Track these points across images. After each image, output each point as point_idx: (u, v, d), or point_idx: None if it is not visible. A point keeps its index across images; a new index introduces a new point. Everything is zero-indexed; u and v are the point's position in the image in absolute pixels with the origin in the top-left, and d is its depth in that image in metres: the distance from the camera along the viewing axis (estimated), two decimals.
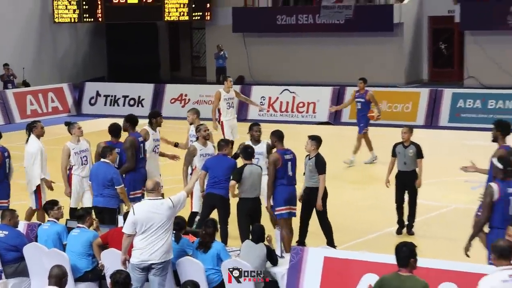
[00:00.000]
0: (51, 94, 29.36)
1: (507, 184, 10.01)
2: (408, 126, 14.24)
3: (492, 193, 9.98)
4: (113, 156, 12.74)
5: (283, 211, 12.35)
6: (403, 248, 8.13)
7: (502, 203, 9.96)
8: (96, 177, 12.66)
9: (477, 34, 31.28)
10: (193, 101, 28.61)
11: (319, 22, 33.18)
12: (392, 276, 8.14)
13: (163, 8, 34.61)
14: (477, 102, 25.34)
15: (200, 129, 13.42)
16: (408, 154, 13.73)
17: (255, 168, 12.27)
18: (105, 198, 12.51)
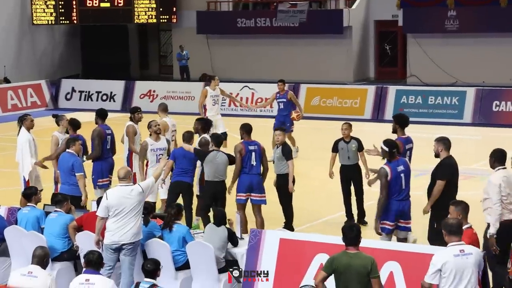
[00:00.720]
0: (30, 90, 29.07)
1: (396, 164, 10.72)
2: (347, 122, 13.76)
3: (386, 174, 10.62)
4: (76, 146, 12.67)
5: (241, 197, 12.38)
6: (353, 229, 8.24)
7: (394, 180, 10.65)
8: (62, 166, 12.64)
9: (418, 37, 31.53)
10: (161, 97, 28.48)
11: (275, 25, 33.22)
12: (341, 254, 8.22)
13: (133, 12, 34.41)
14: (418, 98, 25.53)
15: (151, 125, 13.26)
16: (351, 148, 13.39)
17: (220, 155, 12.27)
18: (71, 186, 12.47)
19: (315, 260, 9.89)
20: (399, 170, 10.74)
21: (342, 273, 8.09)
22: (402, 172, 10.75)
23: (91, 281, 8.65)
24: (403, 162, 10.88)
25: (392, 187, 10.67)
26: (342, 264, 8.09)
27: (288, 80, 29.23)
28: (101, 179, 13.61)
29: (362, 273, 8.02)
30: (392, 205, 10.71)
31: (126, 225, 9.93)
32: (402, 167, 10.79)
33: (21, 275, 9.01)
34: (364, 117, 25.43)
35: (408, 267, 9.28)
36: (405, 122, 12.41)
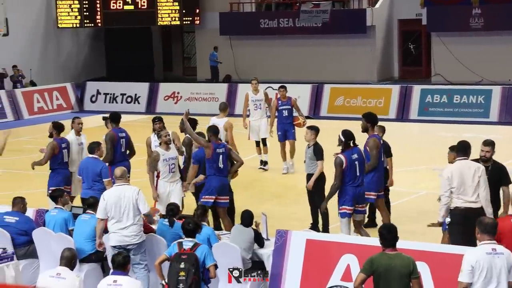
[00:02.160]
0: (56, 92, 29.29)
1: (350, 153, 11.37)
2: (380, 125, 13.20)
3: (342, 162, 11.29)
4: (101, 151, 12.70)
5: (209, 199, 12.15)
6: (391, 230, 8.22)
7: (350, 167, 11.31)
8: (86, 171, 12.61)
9: (443, 35, 31.35)
10: (185, 98, 28.61)
11: (298, 25, 33.17)
12: (380, 255, 8.17)
13: (156, 14, 34.54)
14: (444, 97, 25.41)
15: (161, 135, 12.68)
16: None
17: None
18: (95, 191, 12.35)
19: (342, 260, 9.87)
20: (354, 158, 11.35)
21: (382, 274, 8.03)
22: (356, 160, 11.36)
23: (118, 282, 8.68)
24: (357, 151, 11.49)
25: (348, 174, 11.29)
26: (383, 265, 8.04)
27: (311, 81, 29.35)
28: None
29: (403, 274, 7.97)
30: (349, 191, 11.32)
31: (125, 226, 10.05)
32: (356, 155, 11.41)
33: (50, 277, 9.07)
34: (389, 117, 25.31)
35: (435, 268, 9.24)
36: (376, 120, 12.53)
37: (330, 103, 26.59)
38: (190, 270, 9.08)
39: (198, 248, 9.29)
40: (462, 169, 10.25)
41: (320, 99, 26.74)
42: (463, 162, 10.32)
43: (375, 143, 12.15)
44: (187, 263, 9.09)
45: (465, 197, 10.19)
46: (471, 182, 10.19)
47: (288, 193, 16.03)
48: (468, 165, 10.30)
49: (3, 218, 11.06)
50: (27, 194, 13.03)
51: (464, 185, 10.20)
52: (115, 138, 13.56)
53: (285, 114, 17.52)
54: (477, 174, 10.22)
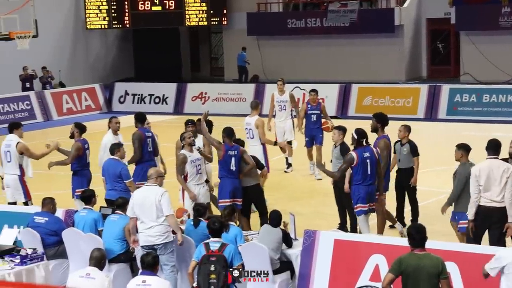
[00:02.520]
0: (85, 93, 29.47)
1: (362, 151, 11.55)
2: (403, 125, 13.31)
3: (352, 160, 11.51)
4: (121, 152, 12.72)
5: (227, 203, 12.03)
6: (419, 230, 8.20)
7: (361, 165, 11.46)
8: (107, 172, 12.68)
9: (472, 34, 31.15)
10: (212, 99, 28.66)
11: (326, 25, 33.11)
12: (408, 255, 8.14)
13: (184, 14, 34.64)
14: (472, 97, 25.24)
15: (185, 137, 12.46)
16: (403, 152, 12.97)
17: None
18: (118, 192, 12.44)
19: (370, 260, 9.85)
20: (365, 156, 11.53)
21: (411, 274, 8.01)
22: (367, 158, 11.53)
23: (147, 282, 8.73)
24: (369, 150, 11.64)
25: (359, 172, 11.48)
26: (411, 265, 8.01)
27: (339, 80, 29.29)
28: (140, 181, 13.26)
29: (432, 274, 7.94)
30: (362, 189, 11.51)
31: (150, 226, 10.09)
32: (368, 153, 11.57)
33: (79, 277, 9.14)
34: (417, 117, 25.20)
35: (465, 268, 9.19)
36: (386, 121, 12.58)
37: (358, 103, 26.51)
38: (220, 272, 9.14)
39: (226, 248, 9.31)
40: (491, 167, 10.25)
41: (348, 99, 26.67)
42: (493, 161, 10.32)
43: (385, 144, 12.19)
44: (217, 264, 9.14)
45: (491, 196, 10.20)
46: (498, 182, 10.19)
47: (315, 193, 16.01)
48: (498, 164, 10.30)
49: (33, 218, 11.16)
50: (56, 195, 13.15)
51: (491, 184, 10.20)
52: (143, 138, 13.59)
53: (313, 119, 16.90)
54: (506, 174, 10.21)
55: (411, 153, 12.98)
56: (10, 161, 13.39)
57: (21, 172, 13.44)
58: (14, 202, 13.45)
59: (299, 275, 10.25)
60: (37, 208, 11.68)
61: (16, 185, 13.37)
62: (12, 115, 27.12)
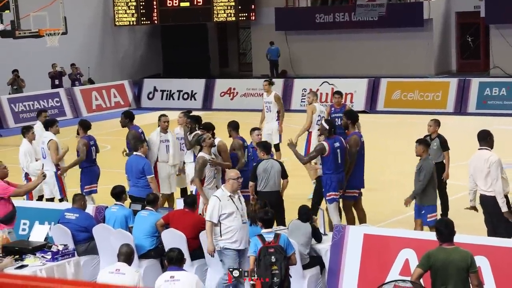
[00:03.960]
0: (114, 90, 29.64)
1: (333, 141, 11.93)
2: (433, 119, 13.35)
3: (324, 149, 11.84)
4: (144, 148, 12.80)
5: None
6: (447, 225, 8.19)
7: (332, 155, 11.84)
8: (131, 169, 12.77)
9: (501, 28, 30.89)
10: (241, 94, 28.68)
11: (354, 19, 33.01)
12: (437, 250, 8.11)
13: (212, 10, 34.70)
14: (502, 90, 25.04)
15: (204, 138, 12.09)
16: (433, 146, 12.86)
17: (272, 163, 12.00)
18: (139, 188, 12.54)
19: (400, 255, 9.83)
20: (336, 146, 11.92)
21: (440, 268, 7.98)
22: (338, 148, 11.93)
23: (176, 278, 8.76)
24: (339, 140, 12.06)
25: (330, 161, 11.86)
26: (440, 260, 7.98)
27: (368, 75, 29.20)
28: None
29: (462, 268, 7.91)
30: (334, 178, 11.83)
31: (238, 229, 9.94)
32: (338, 143, 11.97)
33: (109, 273, 9.19)
34: (447, 111, 25.07)
35: (495, 262, 9.13)
36: (356, 117, 12.74)
37: (387, 97, 26.40)
38: (282, 262, 9.09)
39: (280, 238, 9.29)
40: (479, 158, 10.70)
41: (377, 93, 26.57)
42: (480, 151, 10.75)
43: (355, 141, 12.25)
44: (277, 255, 9.10)
45: (480, 185, 10.69)
46: (480, 170, 10.61)
47: None
48: (483, 154, 10.68)
49: (64, 215, 11.25)
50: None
51: (477, 174, 10.65)
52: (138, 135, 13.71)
53: (338, 123, 14.93)
54: (487, 164, 10.57)
55: (441, 147, 12.98)
56: (46, 157, 13.60)
57: (57, 169, 13.62)
58: (52, 198, 13.61)
59: (329, 270, 10.25)
60: (68, 204, 11.77)
61: (53, 182, 13.56)
62: None
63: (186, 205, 10.93)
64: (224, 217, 9.78)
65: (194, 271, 10.32)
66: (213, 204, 9.85)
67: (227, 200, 9.84)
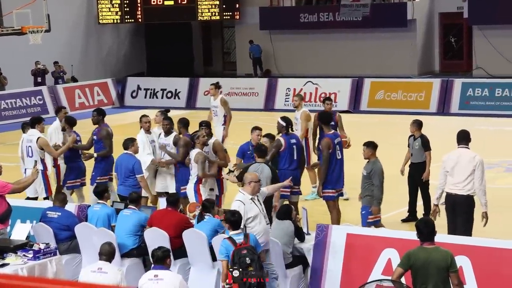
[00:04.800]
0: (97, 88, 29.53)
1: (289, 137, 12.38)
2: (415, 120, 13.45)
3: (281, 145, 12.23)
4: (135, 147, 12.76)
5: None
6: (428, 224, 8.23)
7: (288, 150, 12.27)
8: (120, 167, 12.73)
9: (484, 28, 31.04)
10: (225, 93, 28.58)
11: (338, 19, 33.06)
12: (417, 249, 8.15)
13: (196, 9, 34.65)
14: (485, 91, 25.15)
15: (199, 136, 12.23)
16: (415, 146, 13.14)
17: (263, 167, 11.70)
18: (127, 187, 12.47)
19: (383, 255, 9.85)
20: (292, 142, 12.37)
21: (420, 268, 8.01)
22: (294, 144, 12.39)
23: (159, 277, 8.73)
24: (295, 137, 12.56)
25: (286, 157, 12.24)
26: (420, 259, 8.01)
27: (352, 75, 29.24)
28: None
29: (442, 268, 7.94)
30: (287, 174, 11.93)
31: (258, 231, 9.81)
32: (294, 140, 12.46)
33: (91, 272, 9.15)
34: (430, 111, 25.14)
35: (477, 262, 9.15)
36: (329, 119, 12.85)
37: (371, 97, 26.45)
38: (257, 262, 9.09)
39: (250, 238, 9.30)
40: (461, 155, 10.70)
41: (360, 93, 26.62)
42: (463, 150, 10.78)
43: (327, 143, 12.19)
44: (251, 255, 9.09)
45: (456, 182, 10.64)
46: (464, 170, 10.59)
47: None
48: (466, 153, 10.72)
49: (46, 213, 11.19)
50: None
51: (457, 171, 10.61)
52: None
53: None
54: (473, 163, 10.60)
55: (423, 147, 13.03)
56: (32, 156, 13.52)
57: (43, 167, 13.55)
58: (35, 197, 13.51)
59: (312, 270, 10.24)
60: (49, 203, 11.70)
61: (38, 180, 13.45)
62: (24, 109, 27.22)
63: (169, 204, 10.90)
64: (250, 221, 9.67)
65: (177, 270, 10.29)
66: (239, 208, 9.66)
67: (250, 203, 9.76)
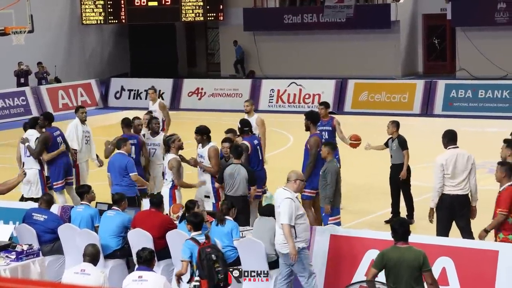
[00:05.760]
0: (80, 89, 29.43)
1: (252, 139, 12.64)
2: (392, 120, 13.47)
3: (248, 148, 12.29)
4: (127, 147, 12.74)
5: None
6: (402, 224, 8.31)
7: (254, 152, 12.45)
8: (113, 167, 12.66)
9: (467, 30, 31.17)
10: (209, 94, 28.63)
11: (322, 20, 33.12)
12: (391, 249, 8.22)
13: (180, 10, 34.62)
14: (468, 92, 25.26)
15: (174, 140, 12.13)
16: (393, 147, 13.19)
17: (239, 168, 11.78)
18: (123, 187, 12.40)
19: (366, 256, 9.87)
20: (255, 143, 12.62)
21: (392, 267, 8.07)
22: (257, 145, 12.66)
23: (143, 278, 8.70)
24: (256, 138, 12.89)
25: (254, 159, 12.43)
26: (393, 259, 8.07)
27: (335, 76, 29.30)
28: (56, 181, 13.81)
29: (414, 267, 8.00)
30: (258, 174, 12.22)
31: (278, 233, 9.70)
32: (256, 141, 12.73)
33: (74, 273, 9.10)
34: (413, 112, 25.23)
35: (460, 263, 9.19)
36: (317, 118, 12.88)
37: (354, 98, 26.51)
38: (222, 259, 9.29)
39: (210, 237, 9.52)
40: (457, 156, 10.71)
41: (344, 95, 26.68)
42: (457, 150, 10.80)
43: (316, 141, 12.31)
44: (215, 252, 9.27)
45: (457, 183, 10.63)
46: (463, 169, 10.63)
47: None
48: (462, 153, 10.76)
49: (32, 215, 11.11)
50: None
51: (458, 172, 10.62)
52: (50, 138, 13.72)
53: (325, 137, 13.63)
54: (470, 161, 10.69)
55: (400, 147, 13.12)
56: (30, 155, 13.54)
57: (41, 167, 13.58)
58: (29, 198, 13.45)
59: None
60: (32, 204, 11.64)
61: (36, 180, 13.44)
62: (7, 110, 27.10)
63: (152, 205, 10.88)
64: (299, 217, 9.58)
65: (160, 271, 10.26)
66: (291, 206, 9.49)
67: (297, 201, 9.72)
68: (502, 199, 9.66)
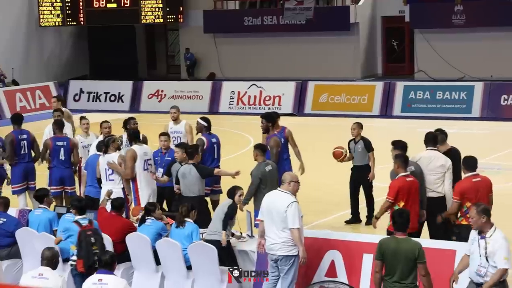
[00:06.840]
0: (38, 91, 29.15)
1: (210, 136, 12.90)
2: (356, 122, 13.51)
3: (203, 143, 12.62)
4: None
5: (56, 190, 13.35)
6: (402, 215, 8.55)
7: (210, 149, 12.73)
8: (91, 168, 12.55)
9: (426, 32, 31.46)
10: (169, 96, 28.53)
11: (282, 22, 33.20)
12: (389, 239, 8.54)
13: (140, 12, 34.44)
14: (426, 94, 25.50)
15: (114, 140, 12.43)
16: (357, 149, 13.21)
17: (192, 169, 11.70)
18: (97, 189, 12.30)
19: (326, 256, 9.93)
20: (213, 141, 12.87)
21: (389, 256, 8.31)
22: (215, 143, 12.87)
23: (104, 281, 8.64)
24: (215, 136, 13.03)
25: (207, 155, 12.63)
26: (390, 248, 8.32)
27: (295, 78, 29.37)
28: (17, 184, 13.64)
29: (409, 258, 8.25)
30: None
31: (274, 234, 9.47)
32: (215, 139, 12.95)
33: (32, 277, 8.99)
34: (373, 113, 25.40)
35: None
36: (276, 120, 12.90)
37: (314, 100, 26.61)
38: (101, 242, 9.90)
39: (93, 223, 10.11)
40: (431, 158, 10.87)
41: (304, 96, 26.77)
42: (433, 152, 10.95)
43: (275, 142, 12.44)
44: (95, 236, 9.89)
45: (429, 185, 10.79)
46: (436, 171, 10.77)
47: None
48: (437, 156, 10.91)
49: None
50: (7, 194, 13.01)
51: (430, 174, 10.75)
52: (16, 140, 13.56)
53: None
54: (446, 165, 10.79)
55: (366, 149, 13.14)
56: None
57: None
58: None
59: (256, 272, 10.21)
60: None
61: None
62: None
63: (113, 208, 10.80)
64: (301, 220, 9.46)
65: (120, 274, 10.20)
66: (298, 209, 9.36)
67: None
68: (391, 187, 10.39)
